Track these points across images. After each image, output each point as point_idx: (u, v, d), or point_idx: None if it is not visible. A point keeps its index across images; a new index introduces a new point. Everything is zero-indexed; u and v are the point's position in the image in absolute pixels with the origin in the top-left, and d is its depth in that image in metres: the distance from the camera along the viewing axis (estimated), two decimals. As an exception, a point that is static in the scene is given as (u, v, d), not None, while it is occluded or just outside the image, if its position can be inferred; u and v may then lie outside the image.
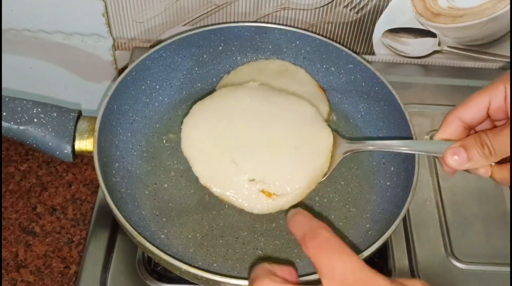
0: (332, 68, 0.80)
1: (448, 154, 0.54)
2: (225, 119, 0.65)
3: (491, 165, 0.55)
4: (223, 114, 0.66)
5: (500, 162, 0.54)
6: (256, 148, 0.63)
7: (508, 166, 0.53)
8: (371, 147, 0.65)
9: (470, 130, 0.57)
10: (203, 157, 0.64)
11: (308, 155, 0.63)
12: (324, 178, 0.65)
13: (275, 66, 0.81)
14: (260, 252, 0.67)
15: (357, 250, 0.60)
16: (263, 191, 0.62)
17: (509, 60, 0.91)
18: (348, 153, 0.66)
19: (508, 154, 0.51)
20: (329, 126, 0.68)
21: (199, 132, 0.65)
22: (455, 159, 0.54)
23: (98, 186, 0.87)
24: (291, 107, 0.67)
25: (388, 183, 0.71)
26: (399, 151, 0.62)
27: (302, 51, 0.81)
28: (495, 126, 0.56)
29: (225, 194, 0.62)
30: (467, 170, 0.56)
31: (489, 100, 0.53)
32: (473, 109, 0.54)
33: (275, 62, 0.82)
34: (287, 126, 0.65)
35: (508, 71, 0.53)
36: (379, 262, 0.71)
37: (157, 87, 0.77)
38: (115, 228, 0.72)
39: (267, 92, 0.69)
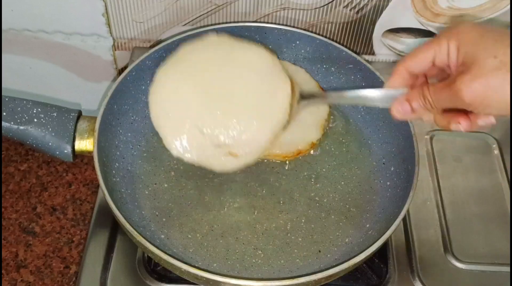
0: (332, 68, 0.80)
1: (394, 106, 0.58)
2: (187, 84, 0.64)
3: None
4: (186, 79, 0.64)
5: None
6: (219, 111, 0.62)
7: (448, 115, 0.56)
8: (325, 97, 0.67)
9: (418, 78, 0.59)
10: (171, 130, 0.63)
11: (267, 110, 0.62)
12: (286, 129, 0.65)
13: None
14: (260, 252, 0.67)
15: (358, 250, 0.60)
16: (230, 153, 0.62)
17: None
18: (305, 102, 0.65)
19: (447, 107, 0.54)
20: (328, 126, 0.68)
21: (164, 102, 0.63)
22: (399, 111, 0.58)
23: (98, 186, 0.87)
24: (250, 59, 0.66)
25: (388, 183, 0.71)
26: (351, 102, 0.65)
27: (302, 51, 0.81)
28: (441, 72, 0.58)
29: (196, 161, 0.62)
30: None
31: (433, 55, 0.56)
32: (420, 62, 0.57)
33: None
34: (246, 83, 0.64)
35: (450, 27, 0.56)
36: (379, 262, 0.71)
37: (158, 87, 0.77)
38: (115, 228, 0.72)
39: (226, 46, 0.68)
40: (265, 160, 0.74)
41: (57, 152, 0.65)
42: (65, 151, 0.66)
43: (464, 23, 0.55)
